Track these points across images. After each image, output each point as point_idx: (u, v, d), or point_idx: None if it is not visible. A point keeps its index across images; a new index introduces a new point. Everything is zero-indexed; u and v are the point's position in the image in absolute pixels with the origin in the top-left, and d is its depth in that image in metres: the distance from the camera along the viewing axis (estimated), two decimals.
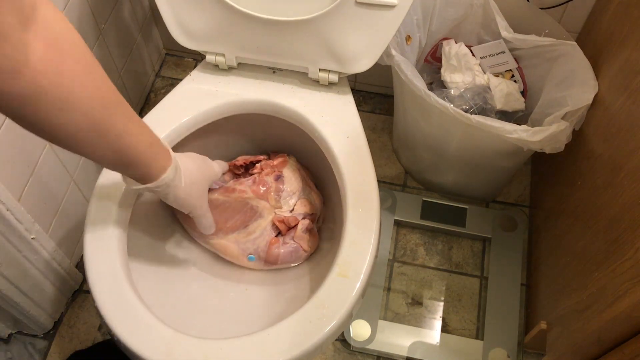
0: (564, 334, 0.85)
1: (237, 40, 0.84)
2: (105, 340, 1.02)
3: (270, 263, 0.84)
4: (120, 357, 0.69)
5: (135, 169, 0.59)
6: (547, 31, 0.96)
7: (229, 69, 0.89)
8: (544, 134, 0.82)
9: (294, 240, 0.84)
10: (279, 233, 0.85)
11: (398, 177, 1.23)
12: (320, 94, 0.86)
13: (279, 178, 0.86)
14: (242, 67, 0.89)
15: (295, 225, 0.84)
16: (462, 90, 1.02)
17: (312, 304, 0.66)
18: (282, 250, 0.83)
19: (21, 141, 0.81)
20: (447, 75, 1.06)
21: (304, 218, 0.86)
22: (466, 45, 1.05)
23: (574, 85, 0.87)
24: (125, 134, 0.53)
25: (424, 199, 1.17)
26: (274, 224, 0.84)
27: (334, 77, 0.85)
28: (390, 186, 1.22)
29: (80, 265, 1.05)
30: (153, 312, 0.66)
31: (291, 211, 0.86)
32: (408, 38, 1.01)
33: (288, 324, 0.65)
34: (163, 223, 0.88)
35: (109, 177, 0.74)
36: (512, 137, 0.83)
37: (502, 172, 1.10)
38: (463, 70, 1.04)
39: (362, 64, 0.82)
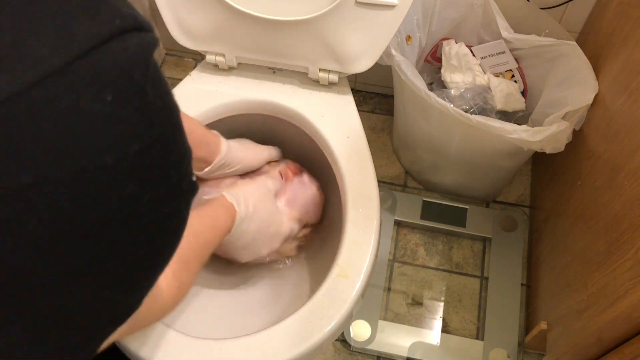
0: (565, 334, 0.85)
1: (237, 40, 0.84)
2: None
3: None
4: (117, 354, 0.69)
5: (198, 151, 0.68)
6: (547, 31, 0.96)
7: (229, 69, 0.89)
8: (544, 134, 0.82)
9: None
10: None
11: (398, 177, 1.23)
12: (320, 94, 0.86)
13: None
14: (242, 67, 0.89)
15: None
16: (463, 90, 1.02)
17: (312, 304, 0.66)
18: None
19: None
20: (447, 75, 1.06)
21: None
22: (466, 45, 1.05)
23: (574, 85, 0.87)
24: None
25: (424, 199, 1.17)
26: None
27: (334, 77, 0.85)
28: (390, 186, 1.22)
29: None
30: None
31: None
32: (408, 38, 1.01)
33: (288, 324, 0.65)
34: None
35: None
36: (513, 137, 0.83)
37: (502, 172, 1.10)
38: (463, 70, 1.04)
39: (362, 64, 0.82)
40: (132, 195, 0.24)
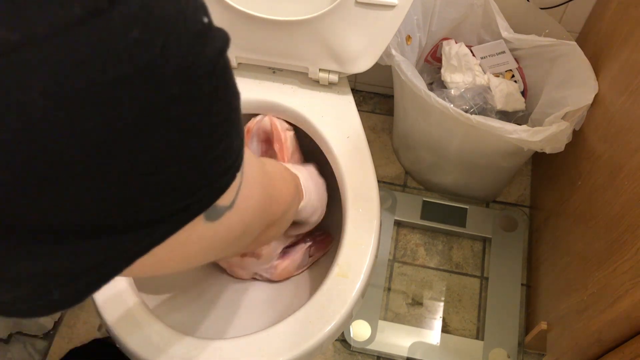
0: (565, 334, 0.85)
1: (237, 41, 0.84)
2: (101, 338, 1.02)
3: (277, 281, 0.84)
4: (117, 354, 0.69)
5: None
6: (547, 31, 0.96)
7: None
8: (544, 134, 0.82)
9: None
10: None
11: (398, 177, 1.23)
12: (320, 94, 0.86)
13: None
14: (242, 67, 0.89)
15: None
16: (463, 90, 1.02)
17: (312, 304, 0.66)
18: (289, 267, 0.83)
19: None
20: (447, 75, 1.06)
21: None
22: (466, 45, 1.05)
23: (574, 85, 0.87)
24: None
25: (424, 199, 1.17)
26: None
27: (334, 77, 0.85)
28: (390, 186, 1.22)
29: None
30: (153, 311, 0.66)
31: None
32: (408, 38, 1.01)
33: (288, 324, 0.65)
34: None
35: None
36: (513, 137, 0.83)
37: (503, 172, 1.10)
38: (463, 71, 1.04)
39: (362, 64, 0.82)
40: (138, 42, 0.21)
